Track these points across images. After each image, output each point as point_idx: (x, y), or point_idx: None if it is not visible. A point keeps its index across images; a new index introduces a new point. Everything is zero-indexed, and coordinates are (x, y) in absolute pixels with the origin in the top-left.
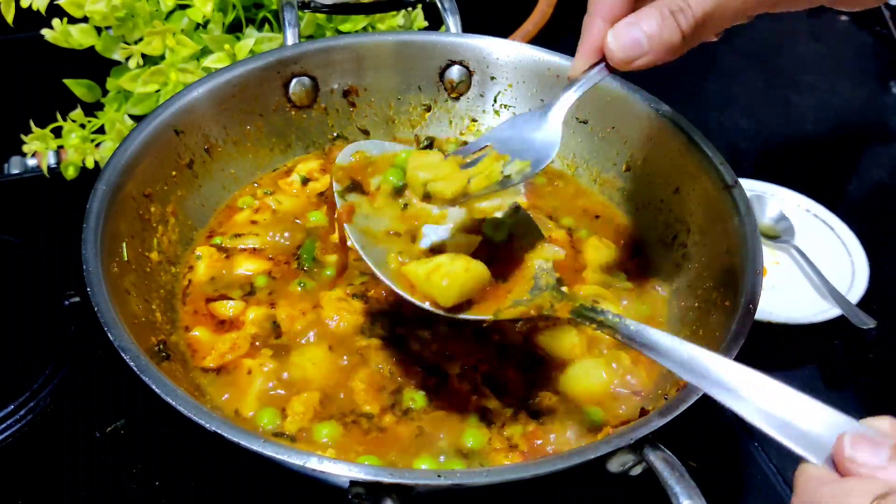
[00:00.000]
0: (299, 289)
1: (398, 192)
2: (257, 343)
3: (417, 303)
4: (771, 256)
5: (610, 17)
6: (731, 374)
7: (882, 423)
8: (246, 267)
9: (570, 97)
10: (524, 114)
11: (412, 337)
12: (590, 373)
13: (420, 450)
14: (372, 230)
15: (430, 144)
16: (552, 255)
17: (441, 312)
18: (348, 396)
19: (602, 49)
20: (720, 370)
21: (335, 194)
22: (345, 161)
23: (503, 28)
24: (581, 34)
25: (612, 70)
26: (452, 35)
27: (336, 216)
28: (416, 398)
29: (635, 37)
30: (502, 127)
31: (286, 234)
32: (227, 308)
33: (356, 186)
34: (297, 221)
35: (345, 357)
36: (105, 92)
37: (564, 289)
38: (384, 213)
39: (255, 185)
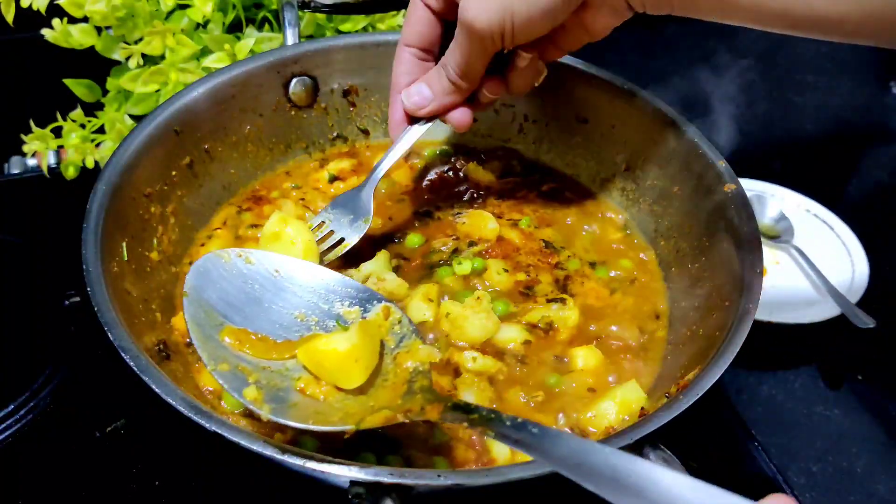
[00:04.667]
0: None
1: None
2: None
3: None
4: (771, 256)
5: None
6: (627, 470)
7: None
8: None
9: (378, 173)
10: (348, 193)
11: None
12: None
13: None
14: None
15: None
16: (427, 357)
17: (294, 424)
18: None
19: (402, 119)
20: (615, 466)
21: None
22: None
23: None
24: (390, 110)
25: (416, 122)
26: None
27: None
28: None
29: (421, 90)
30: (332, 205)
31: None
32: None
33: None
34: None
35: None
36: (105, 92)
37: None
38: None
39: (287, 173)
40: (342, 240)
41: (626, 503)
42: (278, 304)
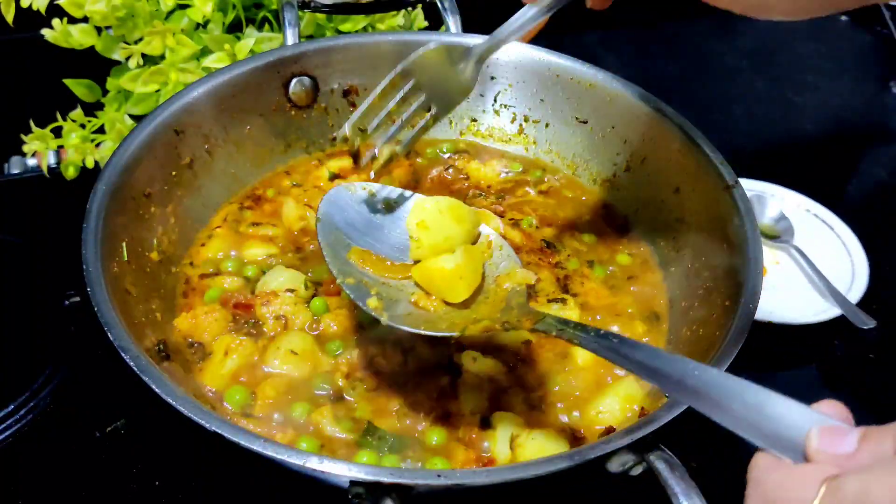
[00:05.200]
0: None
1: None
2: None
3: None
4: (771, 256)
5: None
6: (700, 378)
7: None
8: (253, 252)
9: (497, 40)
10: (454, 46)
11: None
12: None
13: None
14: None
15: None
16: (523, 279)
17: (410, 329)
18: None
19: None
20: (689, 374)
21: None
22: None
23: None
24: None
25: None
26: (453, 35)
27: None
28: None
29: None
30: (428, 58)
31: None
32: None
33: None
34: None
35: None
36: (105, 92)
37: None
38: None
39: (287, 173)
40: (429, 108)
41: (694, 403)
42: (396, 231)
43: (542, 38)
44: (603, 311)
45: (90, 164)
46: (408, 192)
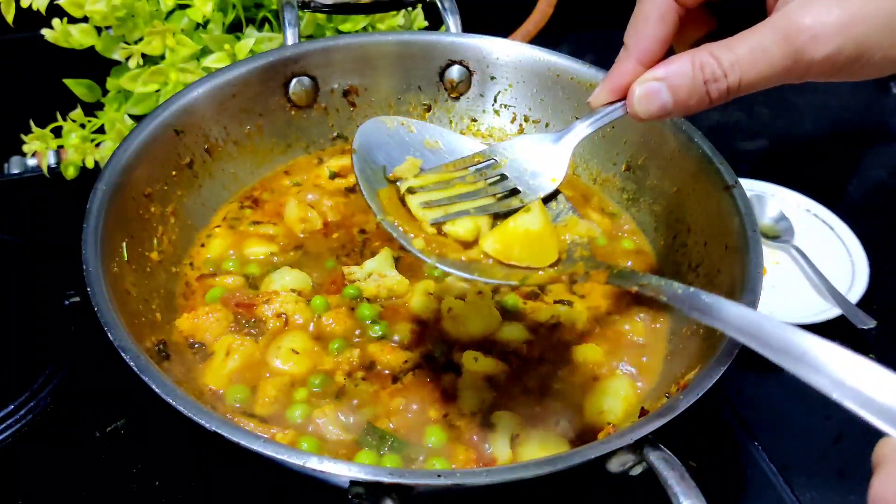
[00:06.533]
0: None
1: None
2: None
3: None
4: (771, 256)
5: (644, 59)
6: (800, 342)
7: None
8: (254, 250)
9: (584, 129)
10: (536, 135)
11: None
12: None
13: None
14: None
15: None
16: (587, 232)
17: (465, 274)
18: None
19: (627, 88)
20: (785, 337)
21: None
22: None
23: (503, 28)
24: (614, 64)
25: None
26: (452, 35)
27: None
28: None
29: (663, 101)
30: (513, 144)
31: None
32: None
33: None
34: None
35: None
36: (105, 92)
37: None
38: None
39: (286, 172)
40: (516, 191)
41: (777, 359)
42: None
43: (542, 38)
44: (604, 311)
45: (90, 164)
46: (448, 135)
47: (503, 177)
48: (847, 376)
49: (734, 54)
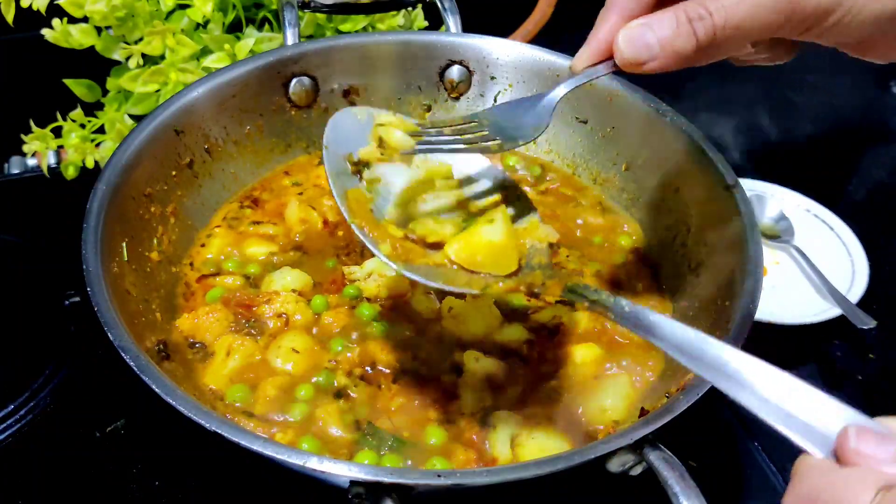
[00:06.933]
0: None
1: None
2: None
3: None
4: (771, 256)
5: (627, 13)
6: (733, 362)
7: (891, 421)
8: (254, 250)
9: (566, 86)
10: (518, 99)
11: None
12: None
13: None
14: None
15: None
16: (545, 237)
17: (427, 282)
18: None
19: (611, 46)
20: (721, 356)
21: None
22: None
23: (503, 28)
24: (594, 26)
25: (617, 68)
26: (452, 35)
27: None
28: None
29: (647, 40)
30: (495, 107)
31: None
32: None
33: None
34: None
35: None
36: (105, 92)
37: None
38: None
39: (286, 172)
40: (494, 139)
41: (724, 385)
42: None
43: (542, 38)
44: None
45: (90, 164)
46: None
47: (485, 135)
48: (772, 394)
49: None
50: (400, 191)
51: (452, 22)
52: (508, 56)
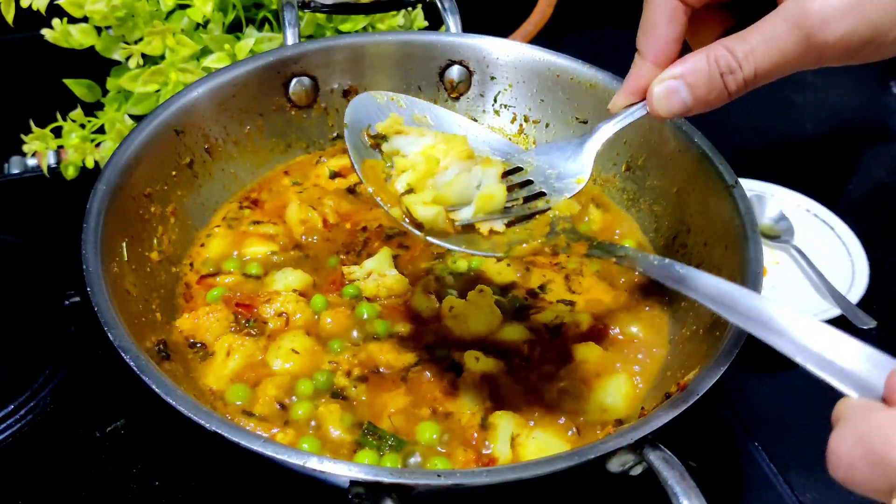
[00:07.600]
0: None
1: None
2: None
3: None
4: (771, 256)
5: (659, 61)
6: (767, 310)
7: None
8: (254, 250)
9: (607, 131)
10: (559, 142)
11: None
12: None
13: None
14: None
15: None
16: (567, 207)
17: (450, 246)
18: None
19: (646, 90)
20: (755, 305)
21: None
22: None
23: (503, 28)
24: (630, 71)
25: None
26: (452, 35)
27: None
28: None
29: (682, 97)
30: (537, 151)
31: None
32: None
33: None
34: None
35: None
36: (105, 92)
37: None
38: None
39: (286, 172)
40: (542, 194)
41: (746, 325)
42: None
43: (542, 38)
44: (604, 311)
45: (90, 164)
46: (435, 110)
47: (528, 182)
48: (810, 341)
49: (748, 45)
50: (418, 161)
51: (452, 22)
52: (508, 56)
